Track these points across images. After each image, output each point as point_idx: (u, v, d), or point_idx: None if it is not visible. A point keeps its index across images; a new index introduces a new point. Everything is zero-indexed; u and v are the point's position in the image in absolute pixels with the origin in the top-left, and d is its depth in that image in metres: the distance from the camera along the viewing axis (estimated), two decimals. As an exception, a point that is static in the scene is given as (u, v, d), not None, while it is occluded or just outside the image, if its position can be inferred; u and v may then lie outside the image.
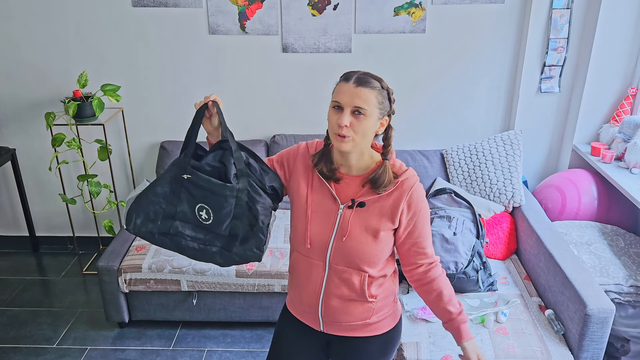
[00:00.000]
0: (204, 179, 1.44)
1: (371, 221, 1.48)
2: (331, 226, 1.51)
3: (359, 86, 1.40)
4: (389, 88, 1.45)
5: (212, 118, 1.50)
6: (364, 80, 1.41)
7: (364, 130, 1.41)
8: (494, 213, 2.86)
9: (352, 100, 1.39)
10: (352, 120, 1.40)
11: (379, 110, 1.42)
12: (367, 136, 1.43)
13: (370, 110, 1.40)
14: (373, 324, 1.61)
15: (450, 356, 2.11)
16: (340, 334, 1.63)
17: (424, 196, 1.53)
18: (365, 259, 1.49)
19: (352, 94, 1.40)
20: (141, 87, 3.21)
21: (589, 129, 3.07)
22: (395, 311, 1.66)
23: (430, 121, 3.24)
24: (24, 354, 2.70)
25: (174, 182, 1.46)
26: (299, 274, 1.61)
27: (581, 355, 2.15)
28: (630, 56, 2.89)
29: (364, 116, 1.40)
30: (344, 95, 1.41)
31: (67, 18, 3.05)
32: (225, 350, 2.71)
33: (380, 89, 1.42)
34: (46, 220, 3.58)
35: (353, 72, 1.44)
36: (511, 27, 3.02)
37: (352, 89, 1.40)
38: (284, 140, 3.18)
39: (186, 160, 1.45)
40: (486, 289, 2.48)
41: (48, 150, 3.34)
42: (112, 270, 2.66)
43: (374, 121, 1.42)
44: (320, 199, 1.53)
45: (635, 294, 2.37)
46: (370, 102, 1.40)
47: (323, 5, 3.00)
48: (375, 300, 1.57)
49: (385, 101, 1.44)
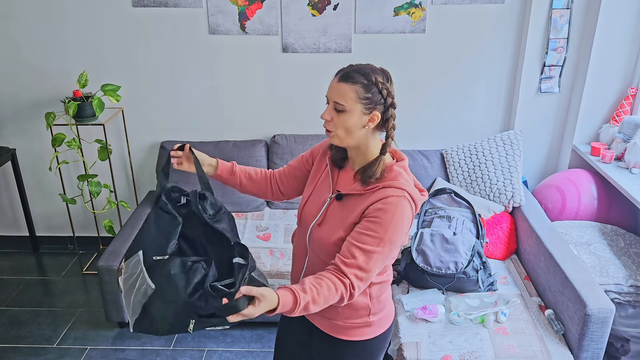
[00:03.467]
0: None
1: (347, 217, 1.45)
2: (317, 211, 1.53)
3: (339, 82, 1.40)
4: (379, 81, 1.39)
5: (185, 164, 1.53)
6: (346, 75, 1.39)
7: (344, 125, 1.41)
8: (493, 213, 2.86)
9: (332, 95, 1.41)
10: (334, 115, 1.42)
11: (362, 105, 1.39)
12: (351, 131, 1.42)
13: (348, 106, 1.38)
14: (341, 327, 1.56)
15: (450, 356, 2.11)
16: (316, 324, 1.61)
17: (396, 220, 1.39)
18: (331, 251, 1.46)
19: (332, 89, 1.41)
20: (141, 87, 3.21)
21: (588, 129, 3.07)
22: (374, 324, 1.57)
23: (430, 121, 3.24)
24: (24, 354, 2.70)
25: None
26: (293, 250, 1.66)
27: (581, 355, 2.15)
28: (630, 56, 2.89)
29: (344, 112, 1.39)
30: (329, 89, 1.43)
31: (67, 18, 3.05)
32: (225, 350, 2.71)
33: (364, 83, 1.38)
34: (46, 220, 3.59)
35: (346, 66, 1.44)
36: (511, 27, 3.03)
37: (334, 83, 1.41)
38: (284, 140, 3.18)
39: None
40: (486, 289, 2.48)
41: (48, 150, 3.34)
42: (112, 270, 2.66)
43: (356, 116, 1.40)
44: (323, 185, 1.57)
45: (635, 294, 2.37)
46: (349, 97, 1.38)
47: (323, 5, 3.00)
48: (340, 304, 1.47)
49: (372, 95, 1.39)
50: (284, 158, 3.15)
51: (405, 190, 1.41)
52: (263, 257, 2.70)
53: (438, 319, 2.28)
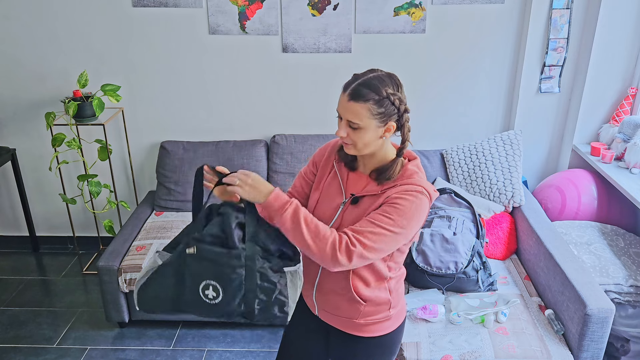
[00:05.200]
0: (208, 250, 1.33)
1: (362, 217, 1.45)
2: (331, 216, 1.53)
3: (350, 100, 1.39)
4: (390, 93, 1.39)
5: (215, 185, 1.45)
6: (356, 93, 1.38)
7: (362, 141, 1.42)
8: (493, 213, 2.86)
9: (345, 114, 1.41)
10: (349, 132, 1.42)
11: (377, 120, 1.40)
12: (368, 145, 1.44)
13: (363, 124, 1.39)
14: (362, 325, 1.58)
15: (450, 356, 2.11)
16: (333, 325, 1.63)
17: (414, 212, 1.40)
18: None
19: (344, 108, 1.40)
20: (141, 87, 3.21)
21: (588, 129, 3.07)
22: (393, 317, 1.61)
23: (430, 121, 3.24)
24: (24, 354, 2.70)
25: (175, 262, 1.36)
26: (304, 258, 1.58)
27: (581, 355, 2.15)
28: (630, 56, 2.89)
29: (359, 129, 1.40)
30: (340, 107, 1.43)
31: (67, 18, 3.05)
32: (226, 350, 2.71)
33: (375, 99, 1.37)
34: (46, 220, 3.59)
35: (353, 79, 1.41)
36: (511, 27, 3.03)
37: (345, 102, 1.40)
38: (284, 140, 3.18)
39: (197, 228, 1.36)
40: (486, 289, 2.48)
41: (48, 150, 3.34)
42: (112, 270, 2.66)
43: (372, 131, 1.41)
44: (330, 188, 1.56)
45: (635, 293, 2.37)
46: (363, 116, 1.38)
47: (323, 5, 3.00)
48: (364, 303, 1.54)
49: (385, 109, 1.39)
50: (284, 158, 3.15)
51: (423, 187, 1.43)
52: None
53: (438, 319, 2.29)
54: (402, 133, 1.47)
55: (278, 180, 3.16)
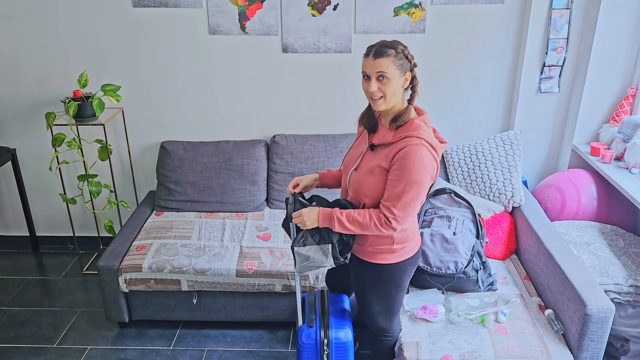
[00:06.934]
0: None
1: (375, 161, 1.86)
2: (356, 160, 1.97)
3: (377, 58, 1.76)
4: (403, 50, 1.78)
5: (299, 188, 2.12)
6: (379, 52, 1.76)
7: (391, 90, 1.79)
8: (493, 213, 2.86)
9: (374, 69, 1.77)
10: (379, 85, 1.78)
11: (399, 70, 1.78)
12: (395, 94, 1.80)
13: (390, 74, 1.76)
14: (369, 252, 1.98)
15: (450, 356, 2.11)
16: (352, 252, 2.07)
17: (418, 163, 1.76)
18: (363, 191, 1.90)
19: (373, 65, 1.77)
20: (141, 87, 3.21)
21: (588, 129, 3.08)
22: (397, 251, 1.96)
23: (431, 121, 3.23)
24: (24, 353, 2.70)
25: None
26: (341, 193, 2.10)
27: (581, 355, 2.15)
28: (630, 56, 2.90)
29: (387, 79, 1.77)
30: (367, 67, 1.79)
31: (67, 18, 3.05)
32: (226, 350, 2.71)
33: (395, 54, 1.76)
34: (46, 220, 3.59)
35: (372, 45, 1.80)
36: (511, 27, 3.03)
37: (372, 61, 1.77)
38: (284, 140, 3.18)
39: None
40: (486, 288, 2.48)
41: (48, 150, 3.35)
42: (113, 270, 2.66)
43: (397, 80, 1.78)
44: (361, 142, 2.02)
45: (634, 293, 2.37)
46: (389, 67, 1.76)
47: (323, 6, 3.00)
48: None
49: (402, 61, 1.78)
50: (284, 158, 3.15)
51: (422, 139, 1.80)
52: (263, 257, 2.71)
53: (438, 318, 2.29)
54: (413, 85, 1.85)
55: (278, 180, 3.16)
